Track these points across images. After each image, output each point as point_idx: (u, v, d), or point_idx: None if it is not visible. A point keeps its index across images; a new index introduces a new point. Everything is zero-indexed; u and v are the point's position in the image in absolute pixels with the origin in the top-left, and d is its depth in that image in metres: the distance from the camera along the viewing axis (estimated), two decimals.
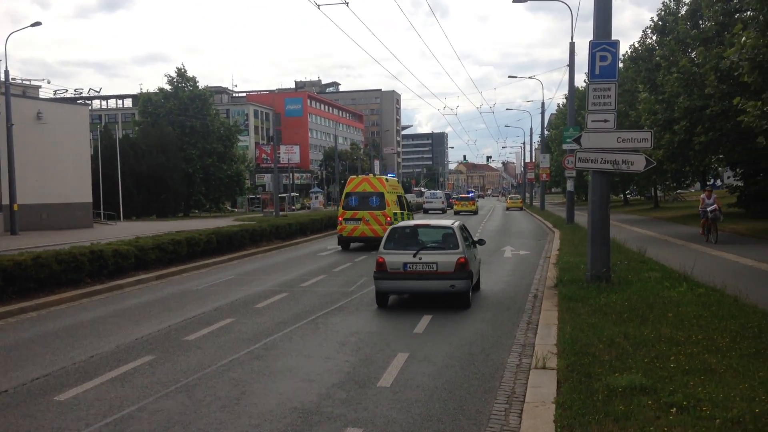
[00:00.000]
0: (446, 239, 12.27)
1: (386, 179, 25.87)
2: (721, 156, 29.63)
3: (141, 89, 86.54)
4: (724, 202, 43.01)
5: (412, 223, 14.20)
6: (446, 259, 11.69)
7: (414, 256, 11.71)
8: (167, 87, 70.29)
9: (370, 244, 22.97)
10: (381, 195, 24.00)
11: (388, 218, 23.20)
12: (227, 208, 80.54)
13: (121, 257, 15.93)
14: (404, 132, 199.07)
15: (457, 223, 12.88)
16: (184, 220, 52.94)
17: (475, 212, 55.97)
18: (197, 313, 11.81)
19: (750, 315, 9.08)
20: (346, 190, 24.61)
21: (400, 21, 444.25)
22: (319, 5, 20.10)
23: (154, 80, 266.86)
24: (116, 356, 8.79)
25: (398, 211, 24.98)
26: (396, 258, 11.83)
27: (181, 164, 64.41)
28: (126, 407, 6.67)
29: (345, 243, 24.11)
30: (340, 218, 24.05)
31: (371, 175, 26.65)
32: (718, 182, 68.15)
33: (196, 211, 71.42)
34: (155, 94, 70.54)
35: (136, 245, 16.98)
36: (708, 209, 22.15)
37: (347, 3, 20.04)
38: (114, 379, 7.70)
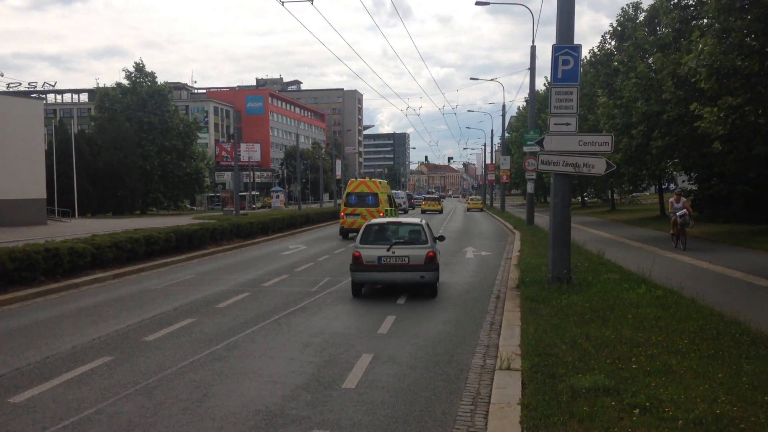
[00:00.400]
0: (416, 235, 13.38)
1: (379, 182, 31.12)
2: (676, 160, 30.27)
3: (98, 84, 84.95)
4: None
5: (384, 220, 15.10)
6: (417, 252, 12.79)
7: (388, 250, 12.79)
8: (125, 82, 69.08)
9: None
10: (375, 195, 29.05)
11: (381, 213, 27.30)
12: (186, 206, 79.50)
13: (77, 255, 15.56)
14: (366, 132, 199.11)
15: (424, 221, 14.01)
16: (141, 218, 52.13)
17: (441, 211, 61.98)
18: (156, 313, 11.58)
19: (707, 317, 9.26)
20: (348, 190, 29.70)
21: (361, 21, 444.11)
22: (283, 2, 19.93)
23: (111, 75, 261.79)
24: (73, 357, 8.56)
25: (388, 208, 29.58)
26: (371, 252, 12.88)
27: (138, 161, 63.36)
28: (84, 409, 6.49)
29: (345, 233, 28.60)
30: (342, 213, 29.09)
31: (368, 179, 31.77)
32: (672, 186, 69.66)
33: (154, 208, 70.38)
34: (112, 89, 69.18)
35: (92, 243, 16.60)
36: (678, 214, 21.24)
37: (311, 1, 19.90)
38: (71, 381, 7.49)
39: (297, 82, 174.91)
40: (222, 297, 13.25)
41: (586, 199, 71.56)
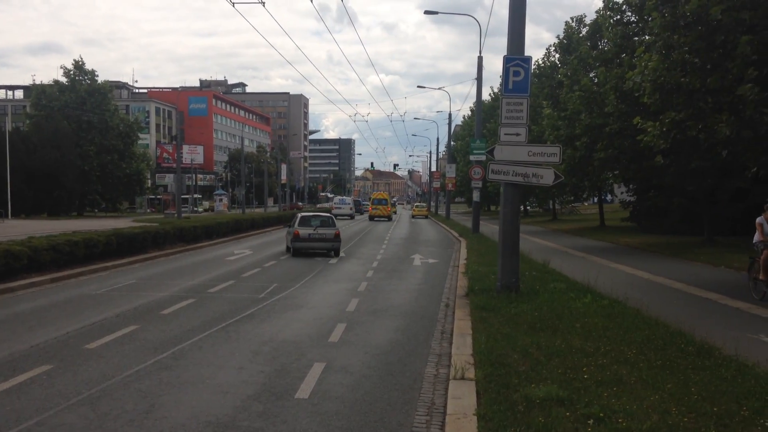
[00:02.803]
0: (329, 221, 23.23)
1: (387, 194, 63.47)
2: (616, 172, 31.05)
3: (34, 80, 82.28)
4: (617, 216, 45.13)
5: (311, 213, 25.03)
6: (330, 231, 22.61)
7: (314, 230, 22.34)
8: (63, 79, 66.93)
9: (382, 218, 57.62)
10: (386, 200, 61.38)
11: (389, 209, 60.01)
12: (126, 207, 77.56)
13: (12, 258, 14.94)
14: (311, 137, 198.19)
15: (331, 215, 25.28)
16: (78, 220, 50.60)
17: (395, 212, 79.33)
18: (98, 319, 11.18)
19: (653, 327, 9.44)
20: (372, 197, 64.39)
21: (306, 26, 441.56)
22: (234, 3, 19.63)
23: (48, 72, 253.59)
24: (10, 365, 8.17)
25: (391, 207, 60.67)
26: (305, 231, 22.28)
27: (76, 160, 61.50)
28: (24, 421, 6.18)
29: (372, 218, 58.15)
30: (370, 208, 60.08)
31: (382, 192, 71.81)
32: (609, 197, 71.46)
33: (91, 210, 68.37)
34: (50, 86, 67.04)
35: (29, 245, 15.97)
36: None
37: (263, 3, 19.67)
38: (9, 390, 7.13)
39: (242, 85, 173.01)
40: (166, 303, 12.90)
41: (528, 208, 72.73)
